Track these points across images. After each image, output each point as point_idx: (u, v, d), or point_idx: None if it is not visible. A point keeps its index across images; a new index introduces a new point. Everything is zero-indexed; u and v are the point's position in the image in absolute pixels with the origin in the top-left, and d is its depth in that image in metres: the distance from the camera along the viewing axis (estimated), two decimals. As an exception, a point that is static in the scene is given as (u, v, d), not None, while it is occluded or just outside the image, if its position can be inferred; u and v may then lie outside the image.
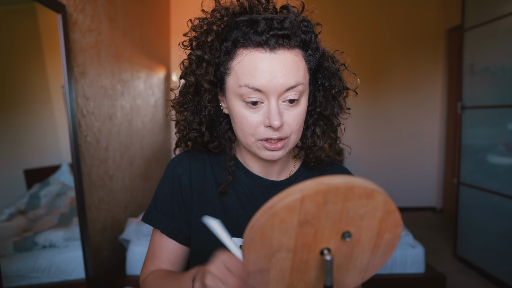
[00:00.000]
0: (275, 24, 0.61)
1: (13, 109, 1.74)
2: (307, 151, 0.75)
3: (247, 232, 0.44)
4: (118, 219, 2.40)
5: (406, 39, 4.26)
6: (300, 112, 0.66)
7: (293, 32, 0.62)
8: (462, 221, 2.85)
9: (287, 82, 0.62)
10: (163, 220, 0.74)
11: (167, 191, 0.75)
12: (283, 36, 0.61)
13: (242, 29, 0.63)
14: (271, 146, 0.65)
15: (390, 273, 2.15)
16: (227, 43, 0.64)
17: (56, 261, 1.74)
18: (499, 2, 2.47)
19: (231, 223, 0.73)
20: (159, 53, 3.45)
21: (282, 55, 0.62)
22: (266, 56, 0.61)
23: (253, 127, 0.64)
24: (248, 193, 0.75)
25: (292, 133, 0.66)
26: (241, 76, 0.62)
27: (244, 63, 0.62)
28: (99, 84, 2.12)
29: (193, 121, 0.73)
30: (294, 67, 0.63)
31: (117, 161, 2.39)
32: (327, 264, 0.45)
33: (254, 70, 0.61)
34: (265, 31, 0.61)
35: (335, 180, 0.41)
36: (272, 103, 0.62)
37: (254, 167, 0.76)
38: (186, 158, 0.77)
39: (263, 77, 0.61)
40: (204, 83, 0.67)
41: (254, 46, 0.62)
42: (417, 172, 4.41)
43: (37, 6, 1.66)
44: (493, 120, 2.57)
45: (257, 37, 0.61)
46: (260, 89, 0.61)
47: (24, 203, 1.78)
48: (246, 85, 0.62)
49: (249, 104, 0.63)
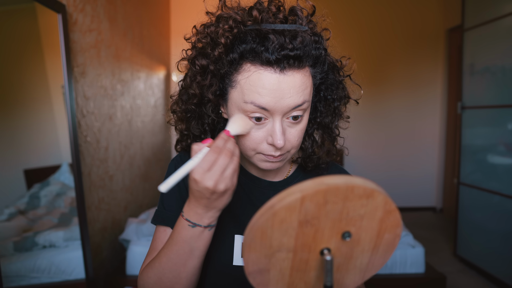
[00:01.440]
0: (287, 42, 0.58)
1: (13, 109, 1.75)
2: (306, 159, 0.76)
3: (247, 232, 0.44)
4: (118, 219, 2.40)
5: (406, 39, 4.26)
6: (302, 128, 0.65)
7: (305, 52, 0.60)
8: (462, 221, 2.85)
9: (294, 102, 0.60)
10: (174, 218, 0.72)
11: (174, 189, 0.74)
12: (294, 58, 0.59)
13: (251, 44, 0.60)
14: (272, 158, 0.66)
15: (390, 273, 2.15)
16: (234, 55, 0.61)
17: (56, 261, 1.74)
18: (499, 2, 2.47)
19: (234, 221, 0.73)
20: (159, 53, 3.46)
21: (292, 76, 0.60)
22: (275, 77, 0.59)
23: (255, 143, 0.64)
24: (247, 192, 0.75)
25: (292, 148, 0.66)
26: (248, 92, 0.60)
27: (251, 80, 0.60)
28: (99, 84, 2.12)
29: (195, 128, 0.72)
30: (302, 87, 0.61)
31: (117, 161, 2.39)
32: (327, 264, 0.45)
33: (262, 89, 0.59)
34: (276, 50, 0.58)
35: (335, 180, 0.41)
36: (276, 123, 0.62)
37: (251, 169, 0.77)
38: (187, 157, 0.77)
39: (270, 97, 0.59)
40: (209, 94, 0.65)
41: (262, 63, 0.59)
42: (417, 172, 4.41)
43: (37, 6, 1.66)
44: (493, 120, 2.57)
45: (268, 55, 0.58)
46: (266, 108, 0.60)
47: (24, 203, 1.78)
48: (253, 102, 0.60)
49: (252, 120, 0.62)
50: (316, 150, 0.74)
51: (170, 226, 0.72)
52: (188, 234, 0.61)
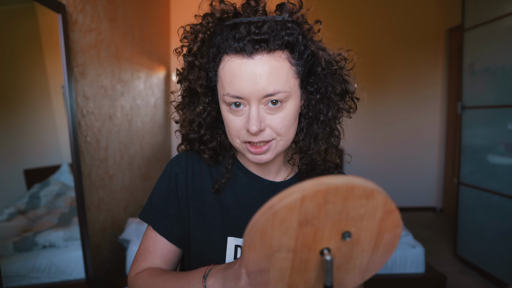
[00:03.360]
0: (253, 29, 0.60)
1: (13, 109, 1.74)
2: (301, 155, 0.73)
3: (247, 232, 0.44)
4: (118, 219, 2.40)
5: (406, 39, 4.26)
6: (285, 115, 0.64)
7: (273, 36, 0.60)
8: (462, 221, 2.85)
9: (265, 89, 0.61)
10: (156, 217, 0.75)
11: (163, 190, 0.76)
12: (260, 41, 0.60)
13: (223, 35, 0.63)
14: (255, 150, 0.65)
15: (390, 273, 2.15)
16: (213, 49, 0.65)
17: (56, 261, 1.74)
18: (499, 2, 2.47)
19: (228, 223, 0.73)
20: (159, 53, 3.46)
21: (260, 61, 0.60)
22: (244, 62, 0.61)
23: (237, 130, 0.65)
24: (246, 193, 0.75)
25: (279, 136, 0.65)
26: (224, 84, 0.63)
27: (226, 71, 0.63)
28: (99, 84, 2.12)
29: (193, 121, 0.74)
30: (273, 73, 0.61)
31: (117, 161, 2.39)
32: (327, 264, 0.45)
33: (233, 77, 0.62)
34: (242, 36, 0.60)
35: (335, 180, 0.41)
36: (252, 109, 0.62)
37: (252, 167, 0.77)
38: (185, 158, 0.78)
39: (241, 84, 0.61)
40: (197, 87, 0.69)
41: (233, 52, 0.62)
42: (417, 172, 4.41)
43: (37, 6, 1.66)
44: (493, 120, 2.57)
45: (235, 43, 0.61)
46: (240, 96, 0.62)
47: (24, 203, 1.78)
48: (228, 93, 0.63)
49: (232, 107, 0.64)
50: (308, 144, 0.71)
51: (152, 224, 0.74)
52: (194, 283, 0.62)
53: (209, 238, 0.72)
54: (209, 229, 0.73)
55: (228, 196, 0.75)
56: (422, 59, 4.27)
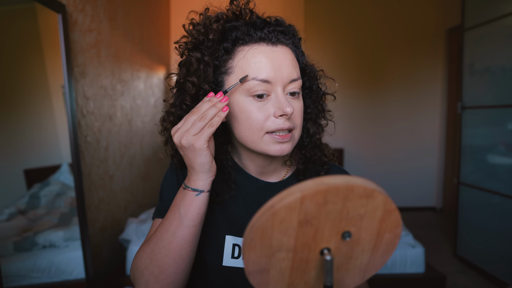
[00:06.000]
0: (271, 22, 0.67)
1: (13, 109, 1.74)
2: (296, 150, 0.77)
3: (247, 232, 0.44)
4: (118, 219, 2.40)
5: (406, 39, 4.26)
6: (301, 106, 0.69)
7: (289, 31, 0.68)
8: (462, 221, 2.85)
9: (291, 74, 0.65)
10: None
11: (171, 184, 0.76)
12: (282, 32, 0.66)
13: (241, 29, 0.66)
14: (281, 138, 0.65)
15: (390, 273, 2.15)
16: (227, 43, 0.66)
17: (56, 261, 1.74)
18: (499, 2, 2.47)
19: (226, 222, 0.73)
20: (159, 53, 3.45)
21: (283, 49, 0.66)
22: (269, 49, 0.65)
23: (262, 120, 0.64)
24: (243, 194, 0.75)
25: (297, 127, 0.68)
26: (247, 70, 0.64)
27: (249, 57, 0.64)
28: (99, 84, 2.12)
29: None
30: (294, 62, 0.67)
31: (117, 161, 2.39)
32: (327, 264, 0.45)
33: (260, 63, 0.64)
34: (265, 27, 0.65)
35: (335, 180, 0.41)
36: (279, 93, 0.64)
37: (250, 167, 0.76)
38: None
39: (269, 68, 0.63)
40: (205, 84, 0.67)
41: (255, 41, 0.65)
42: (417, 172, 4.41)
43: (37, 6, 1.66)
44: (493, 120, 2.57)
45: (259, 32, 0.65)
46: (268, 80, 0.63)
47: (24, 203, 1.78)
48: (255, 78, 0.63)
49: (255, 98, 0.64)
50: (305, 140, 0.76)
51: None
52: (179, 196, 0.65)
53: (208, 234, 0.72)
54: (207, 227, 0.73)
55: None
56: (422, 59, 4.27)
